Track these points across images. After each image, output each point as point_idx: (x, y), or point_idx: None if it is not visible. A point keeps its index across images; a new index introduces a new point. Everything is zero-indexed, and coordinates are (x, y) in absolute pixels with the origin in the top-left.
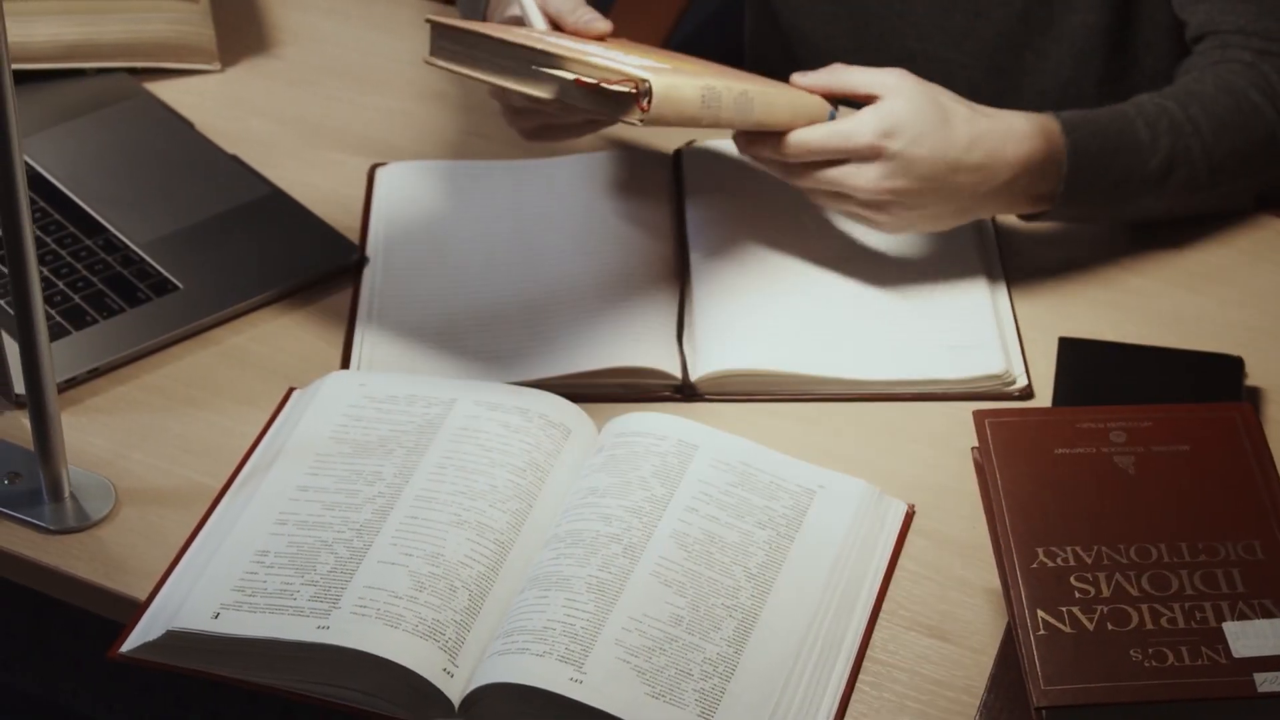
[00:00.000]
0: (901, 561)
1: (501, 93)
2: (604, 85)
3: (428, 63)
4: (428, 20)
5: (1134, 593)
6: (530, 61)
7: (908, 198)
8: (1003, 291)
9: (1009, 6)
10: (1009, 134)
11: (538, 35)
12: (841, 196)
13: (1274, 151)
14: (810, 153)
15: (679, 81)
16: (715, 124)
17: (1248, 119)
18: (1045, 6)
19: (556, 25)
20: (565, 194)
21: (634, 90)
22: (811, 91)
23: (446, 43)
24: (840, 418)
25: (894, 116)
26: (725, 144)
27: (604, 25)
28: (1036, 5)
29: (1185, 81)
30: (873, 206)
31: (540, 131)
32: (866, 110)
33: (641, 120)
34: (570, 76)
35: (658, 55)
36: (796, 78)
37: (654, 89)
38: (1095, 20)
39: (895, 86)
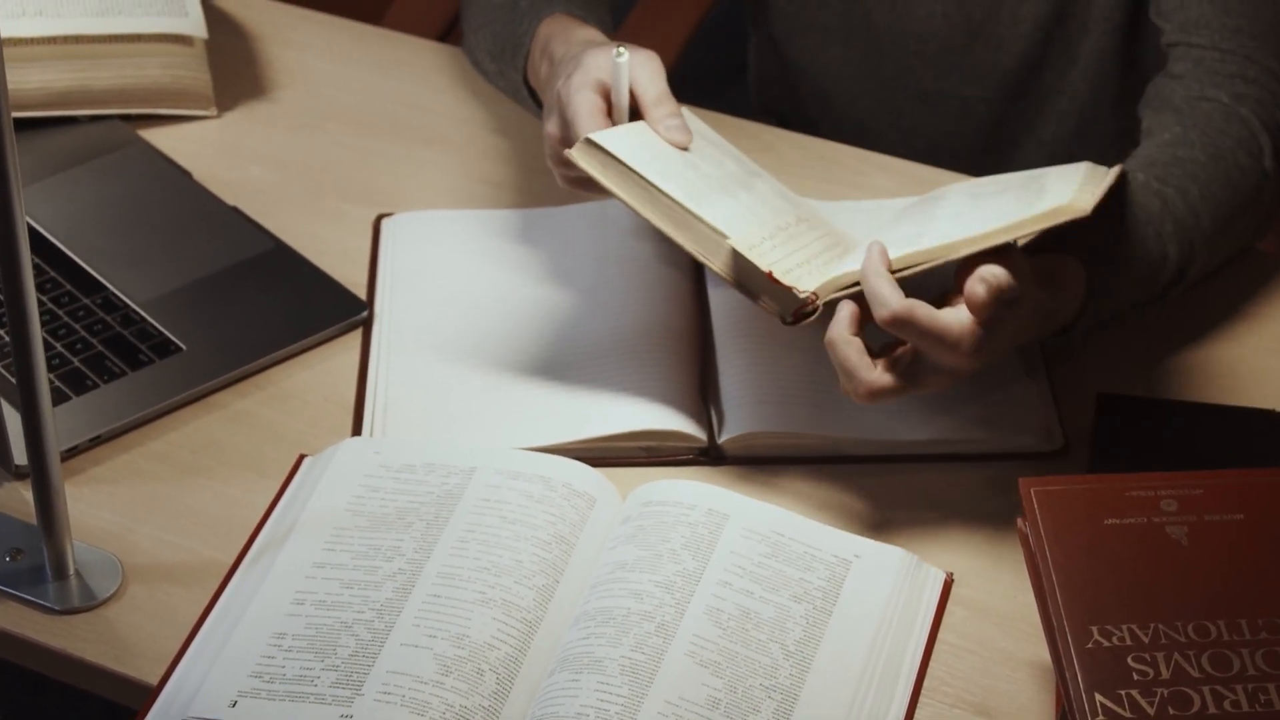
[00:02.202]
0: (941, 634)
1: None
2: (784, 284)
3: (568, 155)
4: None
5: (1195, 674)
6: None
7: (992, 357)
8: (1034, 345)
9: (1030, 36)
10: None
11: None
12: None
13: (1259, 208)
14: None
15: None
16: None
17: (1237, 189)
18: (1064, 30)
19: (632, 104)
20: (580, 245)
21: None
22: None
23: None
24: (872, 479)
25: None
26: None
27: (684, 138)
28: (1056, 29)
29: (1170, 145)
30: (954, 374)
31: (586, 182)
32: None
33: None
34: (763, 269)
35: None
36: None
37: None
38: (1109, 43)
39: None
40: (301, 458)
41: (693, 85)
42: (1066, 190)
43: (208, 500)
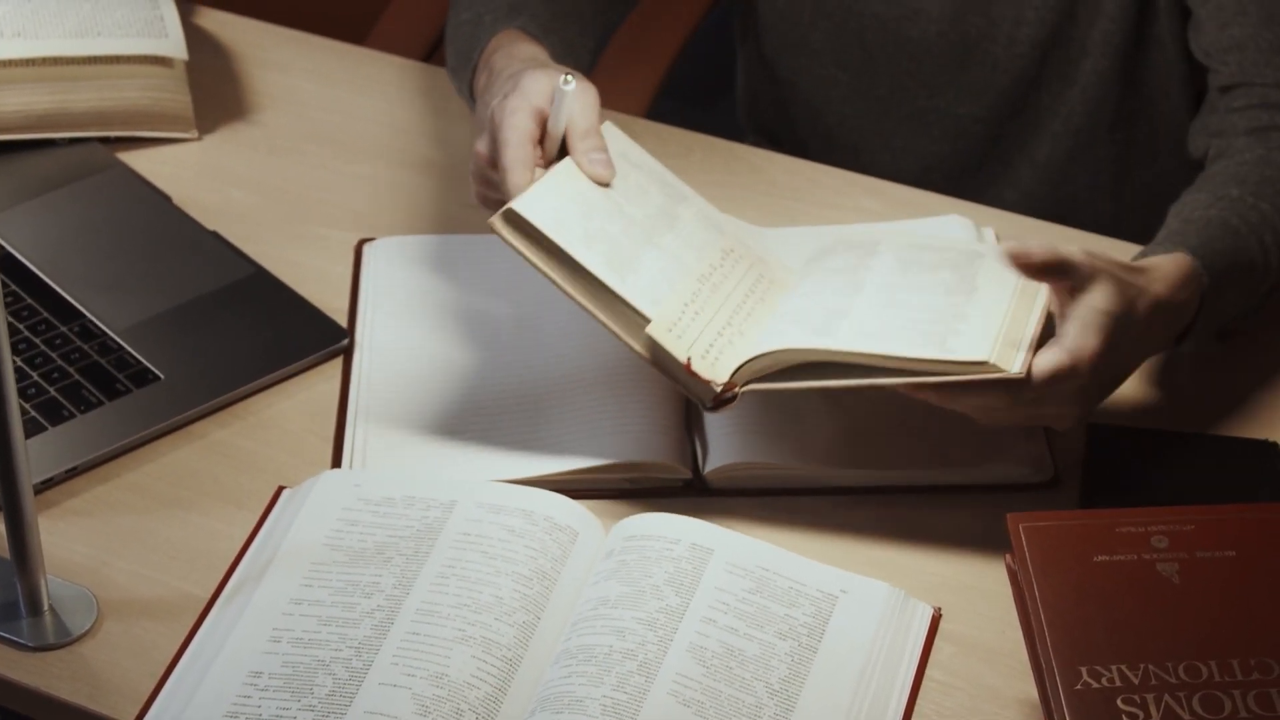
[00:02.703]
0: (929, 670)
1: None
2: (701, 377)
3: (490, 225)
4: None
5: (1185, 716)
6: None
7: (1091, 402)
8: None
9: (1027, 56)
10: (1169, 291)
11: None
12: (1031, 416)
13: None
14: (1031, 390)
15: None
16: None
17: None
18: (1061, 51)
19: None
20: None
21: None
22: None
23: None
24: (859, 511)
25: (1097, 338)
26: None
27: (607, 174)
28: (1053, 50)
29: (1254, 165)
30: (1059, 419)
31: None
32: (1075, 332)
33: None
34: (680, 359)
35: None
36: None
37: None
38: (1107, 66)
39: (1092, 274)
40: (280, 489)
41: (681, 99)
42: (991, 324)
43: (185, 533)
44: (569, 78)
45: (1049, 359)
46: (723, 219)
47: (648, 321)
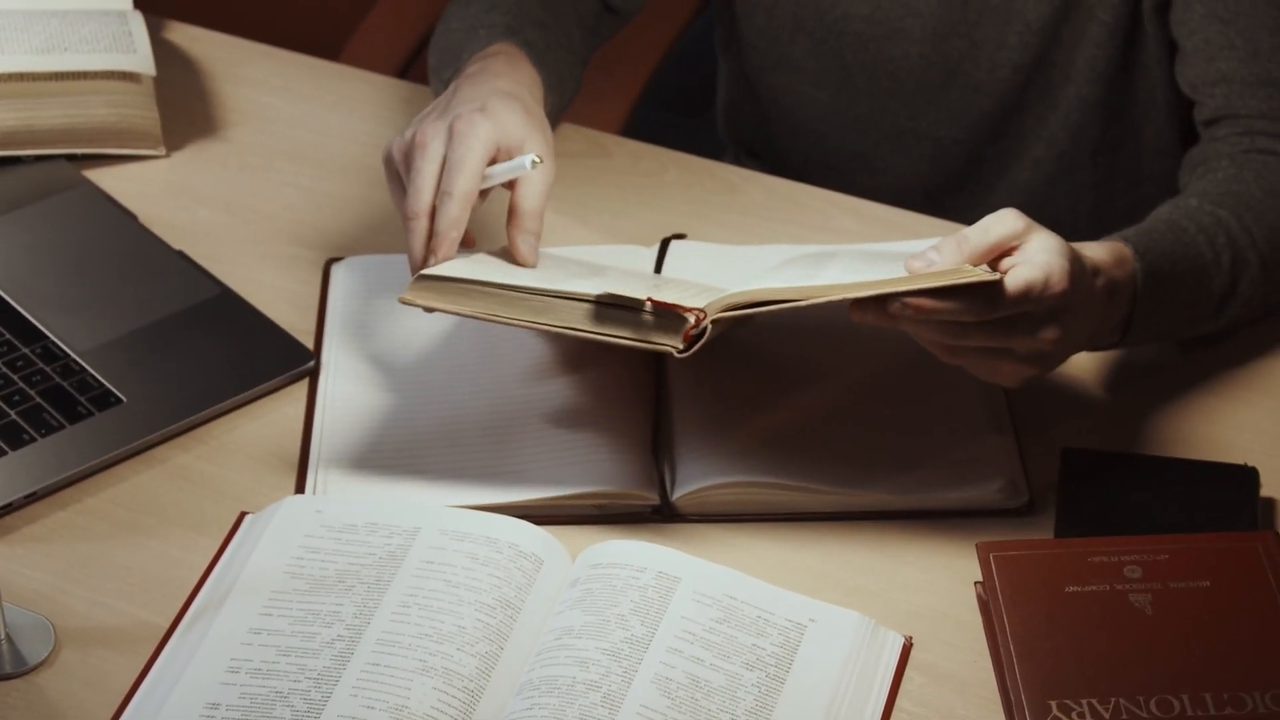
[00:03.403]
0: (899, 701)
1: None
2: (666, 303)
3: (403, 301)
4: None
5: None
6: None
7: (1062, 346)
8: (1000, 397)
9: (1009, 80)
10: (1102, 261)
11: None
12: (999, 353)
13: None
14: (1007, 305)
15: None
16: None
17: None
18: (1044, 76)
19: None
20: None
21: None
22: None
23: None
24: (830, 538)
25: (1062, 259)
26: (704, 243)
27: (532, 259)
28: (1036, 75)
29: (1223, 181)
30: (1031, 360)
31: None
32: (1040, 255)
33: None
34: (642, 296)
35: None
36: (917, 265)
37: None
38: (1091, 92)
39: (1025, 230)
40: (243, 515)
41: (662, 110)
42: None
43: (145, 560)
44: (537, 160)
45: (1021, 272)
46: (656, 277)
47: (594, 299)
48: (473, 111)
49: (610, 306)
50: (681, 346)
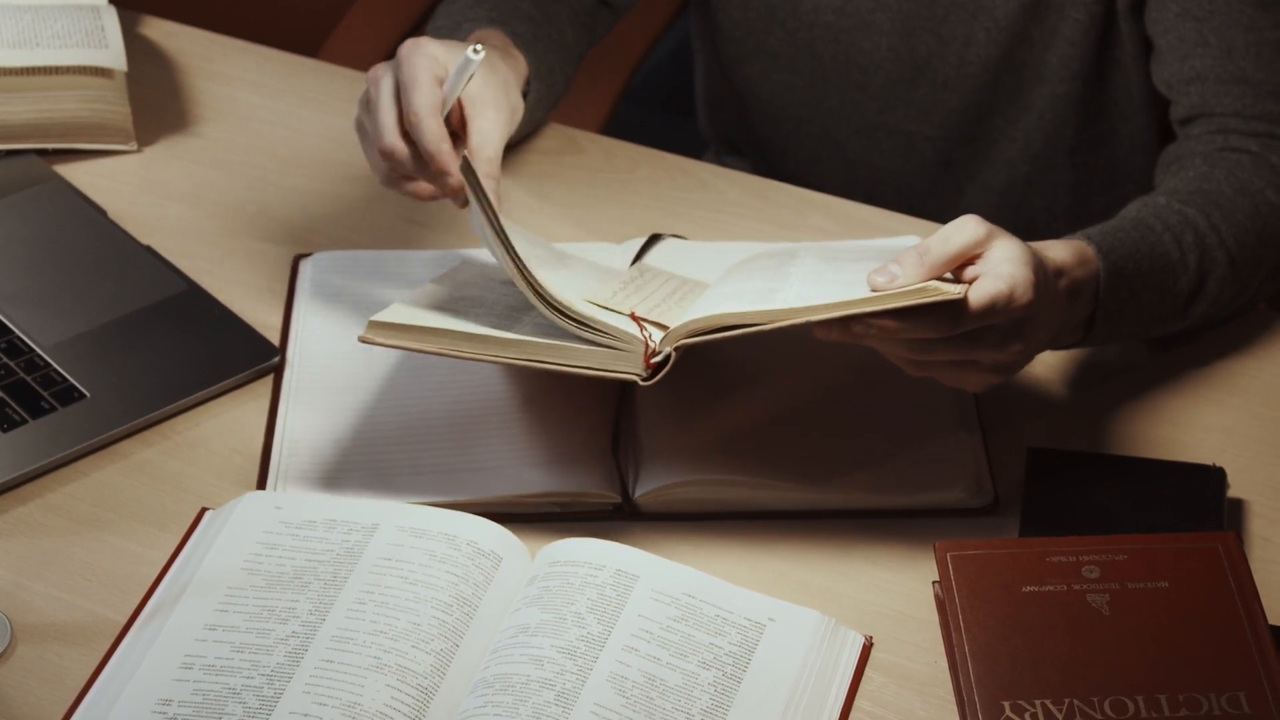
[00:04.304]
0: (858, 701)
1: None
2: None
3: (363, 340)
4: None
5: None
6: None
7: (1026, 355)
8: (969, 397)
9: (978, 78)
10: (1064, 261)
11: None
12: (965, 365)
13: None
14: (971, 320)
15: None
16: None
17: (1267, 223)
18: (1015, 75)
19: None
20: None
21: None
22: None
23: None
24: (793, 536)
25: (1026, 269)
26: (675, 239)
27: (494, 196)
28: (1006, 74)
29: (1194, 180)
30: (996, 370)
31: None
32: (1004, 266)
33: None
34: (615, 305)
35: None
36: (880, 280)
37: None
38: (1066, 91)
39: (987, 236)
40: (203, 511)
41: (644, 108)
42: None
43: (105, 556)
44: (479, 48)
45: (987, 285)
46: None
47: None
48: (414, 41)
49: (575, 332)
50: (645, 375)
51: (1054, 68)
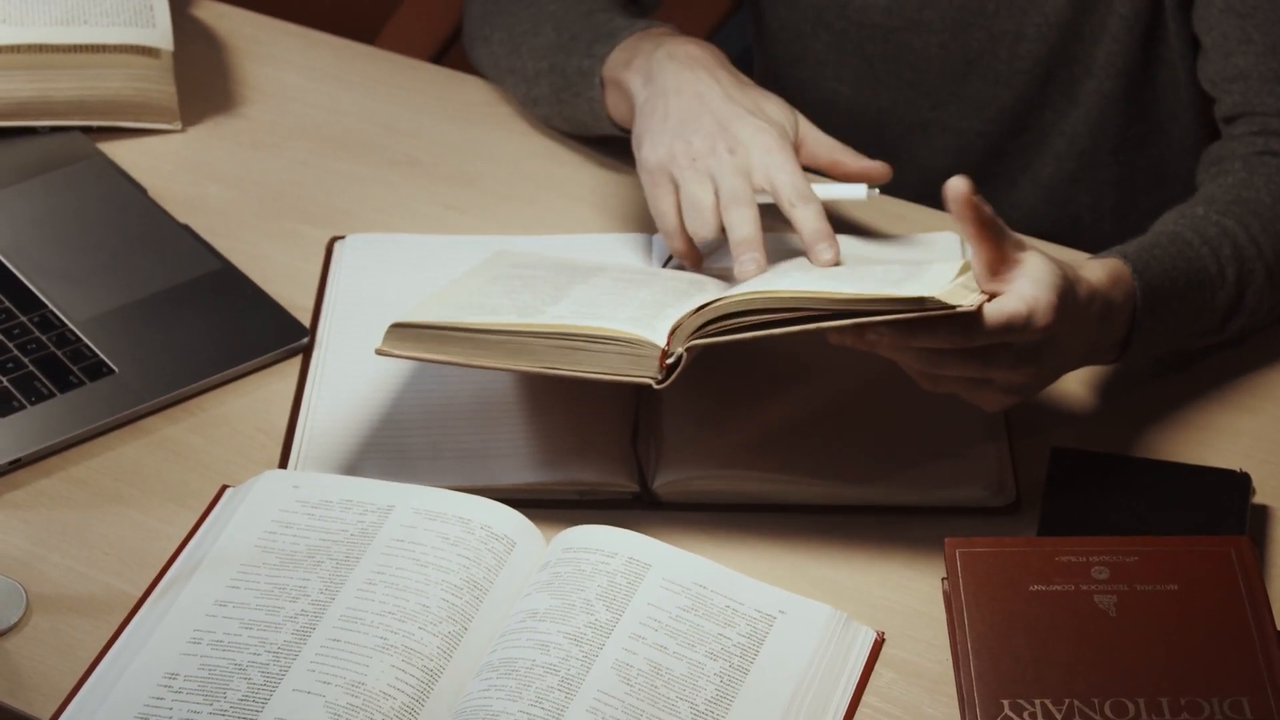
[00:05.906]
0: (866, 697)
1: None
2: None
3: (379, 353)
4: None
5: None
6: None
7: (1041, 379)
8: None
9: (1029, 72)
10: (1099, 282)
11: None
12: (979, 383)
13: None
14: (984, 335)
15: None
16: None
17: None
18: (1066, 69)
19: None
20: None
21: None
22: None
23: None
24: (810, 531)
25: (1050, 294)
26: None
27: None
28: (1058, 68)
29: (1233, 187)
30: (1009, 391)
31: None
32: (1028, 288)
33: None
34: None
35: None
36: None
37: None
38: (1112, 87)
39: (1028, 247)
40: (224, 488)
41: None
42: (944, 277)
43: (124, 530)
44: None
45: (1005, 304)
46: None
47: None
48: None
49: (586, 339)
50: (659, 378)
51: (1101, 63)
